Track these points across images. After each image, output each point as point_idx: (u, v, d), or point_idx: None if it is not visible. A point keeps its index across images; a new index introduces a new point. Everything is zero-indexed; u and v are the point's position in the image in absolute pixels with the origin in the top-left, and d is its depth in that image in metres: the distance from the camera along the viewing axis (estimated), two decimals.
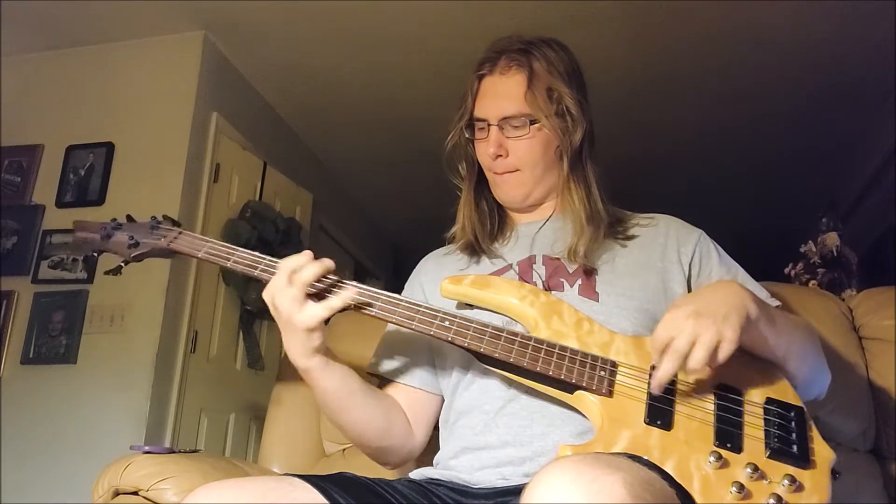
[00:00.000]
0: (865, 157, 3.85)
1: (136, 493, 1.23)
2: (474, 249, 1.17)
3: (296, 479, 0.89)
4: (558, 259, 1.10)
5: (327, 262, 0.98)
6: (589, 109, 1.14)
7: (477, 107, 1.15)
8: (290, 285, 0.96)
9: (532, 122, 1.10)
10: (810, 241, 3.31)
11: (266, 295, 0.98)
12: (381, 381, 1.16)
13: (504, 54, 1.14)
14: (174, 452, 1.32)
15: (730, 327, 0.83)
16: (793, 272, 3.29)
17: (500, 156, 1.12)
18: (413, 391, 1.14)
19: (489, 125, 1.12)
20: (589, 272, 1.08)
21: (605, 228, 1.10)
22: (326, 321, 0.98)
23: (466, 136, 1.17)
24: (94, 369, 2.63)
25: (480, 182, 1.20)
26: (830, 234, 3.24)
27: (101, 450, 2.43)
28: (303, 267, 0.97)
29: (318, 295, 0.98)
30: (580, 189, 1.12)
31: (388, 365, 1.16)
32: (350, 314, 1.02)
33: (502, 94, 1.12)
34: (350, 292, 0.99)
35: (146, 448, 1.31)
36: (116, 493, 1.24)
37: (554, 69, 1.12)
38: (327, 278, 0.99)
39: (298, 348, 0.99)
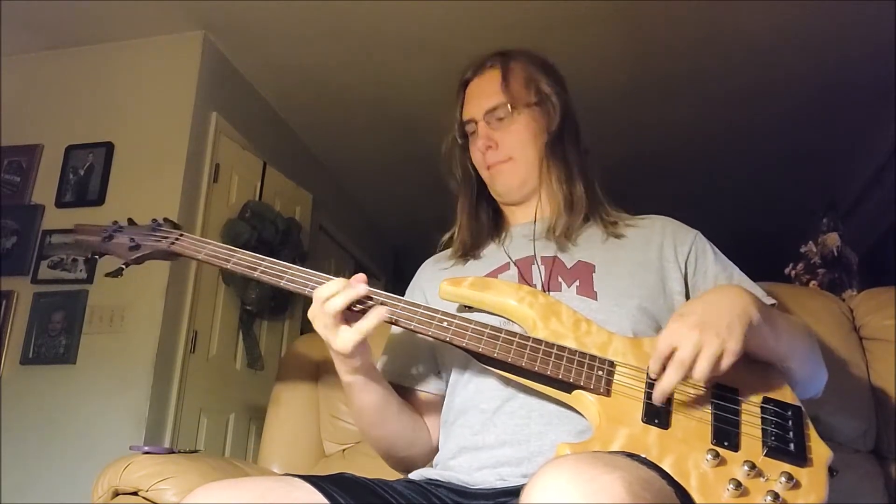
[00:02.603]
0: (865, 157, 3.85)
1: (135, 494, 1.23)
2: (472, 252, 1.20)
3: (296, 479, 0.89)
4: (556, 258, 1.11)
5: (358, 289, 0.97)
6: (569, 100, 1.19)
7: (464, 111, 1.20)
8: (323, 313, 0.96)
9: (513, 109, 1.15)
10: (810, 242, 3.30)
11: (309, 316, 1.00)
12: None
13: (484, 60, 1.21)
14: (174, 453, 1.32)
15: (733, 338, 0.83)
16: (793, 272, 3.29)
17: (491, 147, 1.16)
18: (427, 396, 1.16)
19: (476, 123, 1.17)
20: (586, 270, 1.08)
21: (584, 211, 1.14)
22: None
23: (460, 142, 1.21)
24: (93, 369, 2.63)
25: (477, 191, 1.23)
26: (831, 235, 3.23)
27: (101, 450, 2.43)
28: (333, 295, 0.96)
29: (362, 310, 0.98)
30: (560, 172, 1.15)
31: (398, 371, 1.17)
32: None
33: (483, 90, 1.18)
34: (381, 310, 0.97)
35: (146, 448, 1.31)
36: (116, 494, 1.24)
37: (530, 63, 1.20)
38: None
39: (340, 367, 1.03)
